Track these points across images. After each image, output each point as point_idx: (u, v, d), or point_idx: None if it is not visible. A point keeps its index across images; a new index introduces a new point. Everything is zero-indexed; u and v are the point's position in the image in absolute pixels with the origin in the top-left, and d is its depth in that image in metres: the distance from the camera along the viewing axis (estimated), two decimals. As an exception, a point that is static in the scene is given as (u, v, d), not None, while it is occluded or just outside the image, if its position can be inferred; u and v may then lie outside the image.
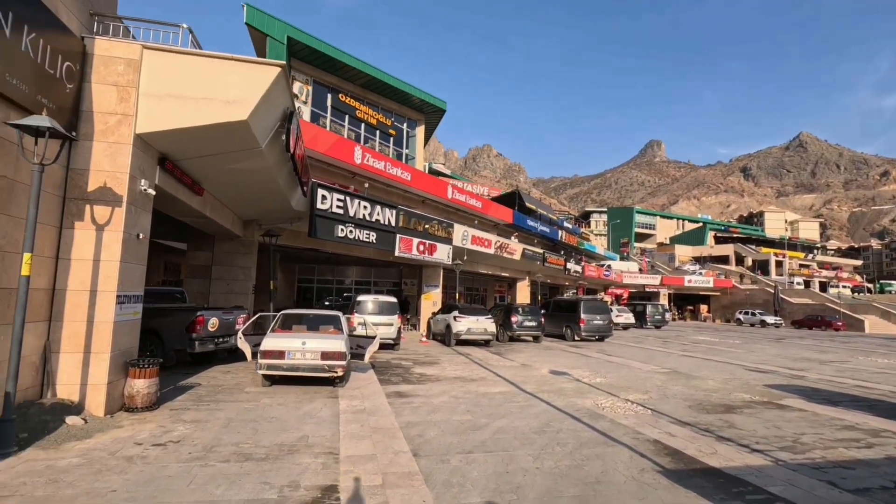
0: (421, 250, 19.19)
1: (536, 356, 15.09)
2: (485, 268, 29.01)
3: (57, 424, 5.66)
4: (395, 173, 22.43)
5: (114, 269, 6.41)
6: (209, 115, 6.79)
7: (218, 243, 14.37)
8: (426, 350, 15.76)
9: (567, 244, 42.80)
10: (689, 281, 52.97)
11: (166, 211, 9.87)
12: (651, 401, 8.64)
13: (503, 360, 13.97)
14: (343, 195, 15.14)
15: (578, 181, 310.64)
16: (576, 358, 14.93)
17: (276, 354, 8.04)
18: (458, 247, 22.10)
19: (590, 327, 20.42)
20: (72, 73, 6.18)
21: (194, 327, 9.55)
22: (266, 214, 14.05)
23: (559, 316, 21.94)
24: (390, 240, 17.48)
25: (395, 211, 17.59)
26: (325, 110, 24.76)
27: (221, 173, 9.42)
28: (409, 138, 30.05)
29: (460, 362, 13.12)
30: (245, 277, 14.55)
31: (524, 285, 33.72)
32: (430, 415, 7.16)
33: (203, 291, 14.22)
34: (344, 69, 24.41)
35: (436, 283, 23.93)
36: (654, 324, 34.19)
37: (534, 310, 19.95)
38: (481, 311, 17.59)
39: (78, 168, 6.43)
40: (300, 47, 22.23)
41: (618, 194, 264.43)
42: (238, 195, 11.41)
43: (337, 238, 14.97)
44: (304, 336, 8.43)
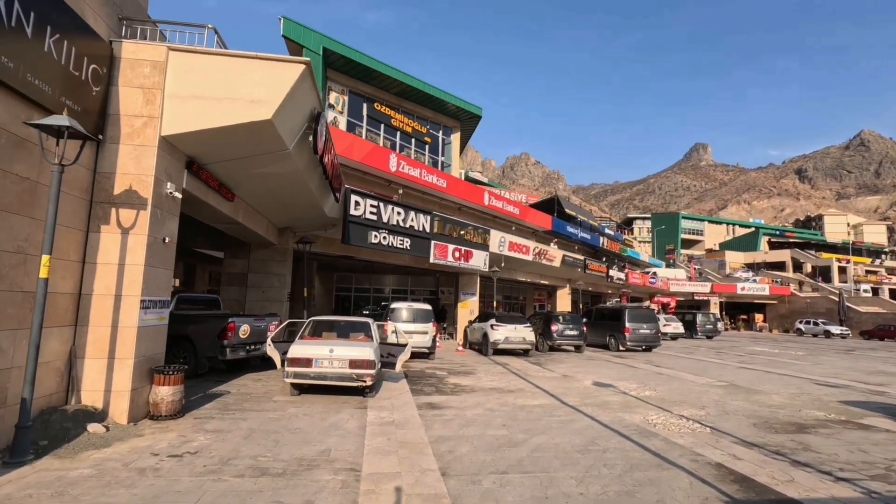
0: (456, 257, 18.75)
1: (578, 367, 14.28)
2: (523, 275, 28.25)
3: (78, 432, 5.51)
4: (430, 180, 22.14)
5: (138, 273, 6.29)
6: (233, 115, 6.63)
7: (254, 251, 14.44)
8: (462, 360, 15.23)
9: (609, 251, 41.34)
10: (742, 288, 50.04)
11: (198, 216, 9.86)
12: (709, 417, 7.79)
13: (543, 370, 13.26)
14: (376, 201, 14.94)
15: (619, 188, 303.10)
16: (621, 369, 14.01)
17: (303, 362, 7.75)
18: (495, 253, 21.53)
19: (635, 337, 19.32)
20: (98, 76, 6.14)
21: (225, 334, 9.44)
22: (300, 221, 14.01)
23: (602, 325, 20.92)
24: (425, 246, 17.13)
25: (429, 217, 17.26)
26: (361, 120, 24.91)
27: (252, 178, 9.33)
28: (444, 146, 29.86)
29: (497, 372, 12.52)
30: (280, 285, 14.53)
31: (565, 293, 32.65)
32: (463, 429, 6.64)
33: (239, 299, 14.28)
34: (379, 78, 24.50)
35: (472, 291, 23.40)
36: (705, 333, 32.29)
37: (575, 318, 19.08)
38: (519, 320, 16.93)
39: (104, 171, 6.37)
40: (335, 58, 22.47)
41: (662, 200, 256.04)
42: (270, 201, 11.34)
43: (370, 244, 14.74)
44: (333, 343, 8.12)
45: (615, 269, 35.02)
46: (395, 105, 26.34)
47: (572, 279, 32.37)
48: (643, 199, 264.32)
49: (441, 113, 28.84)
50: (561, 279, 32.10)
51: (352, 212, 14.03)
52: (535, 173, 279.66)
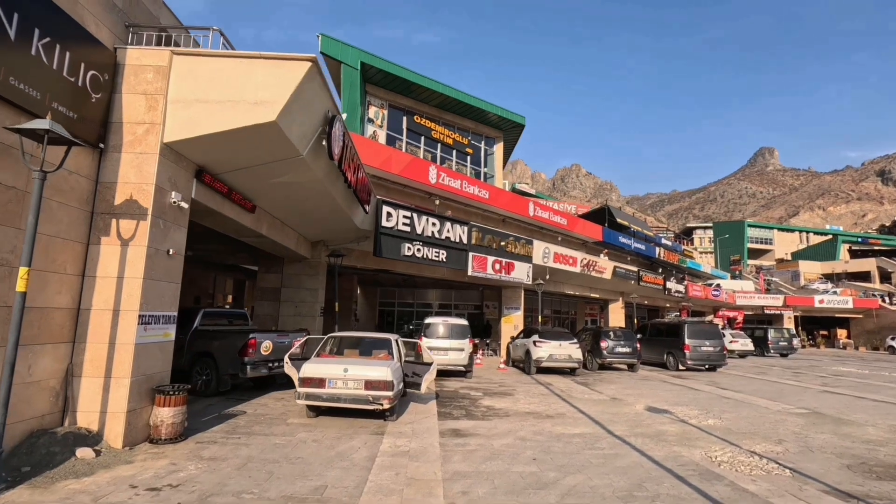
0: (497, 269, 17.86)
1: (630, 388, 12.93)
2: (571, 288, 26.83)
3: (65, 457, 5.14)
4: (472, 191, 21.50)
5: (136, 286, 5.95)
6: (236, 118, 6.24)
7: (287, 265, 14.26)
8: (502, 378, 14.24)
9: (666, 262, 38.85)
10: (820, 301, 45.51)
11: (220, 229, 9.65)
12: (788, 455, 6.47)
13: (589, 391, 12.06)
14: (409, 212, 14.42)
15: (677, 197, 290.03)
16: (680, 391, 12.54)
17: (316, 382, 7.17)
18: (539, 265, 20.44)
19: (697, 354, 17.54)
20: (98, 83, 5.93)
21: (246, 351, 9.08)
22: (331, 234, 13.69)
23: (659, 341, 19.23)
24: (462, 258, 16.40)
25: (466, 227, 16.54)
26: (401, 133, 24.74)
27: (271, 188, 9.00)
28: (487, 156, 29.22)
29: (538, 394, 11.47)
30: (312, 300, 14.22)
31: (617, 307, 30.77)
32: (486, 463, 5.77)
33: (272, 314, 14.10)
34: (418, 91, 24.29)
35: (516, 305, 22.34)
36: (778, 351, 29.29)
37: (627, 334, 17.59)
38: (565, 336, 15.74)
39: (106, 181, 6.13)
40: (374, 72, 22.45)
41: (724, 209, 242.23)
42: (295, 213, 11.04)
43: (403, 257, 14.20)
44: (348, 362, 7.50)
45: (673, 280, 32.71)
46: (435, 117, 26.03)
47: (625, 292, 30.48)
48: (704, 208, 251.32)
49: (483, 123, 28.27)
50: (613, 292, 30.30)
51: (383, 223, 13.58)
52: (587, 185, 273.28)
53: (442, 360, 13.36)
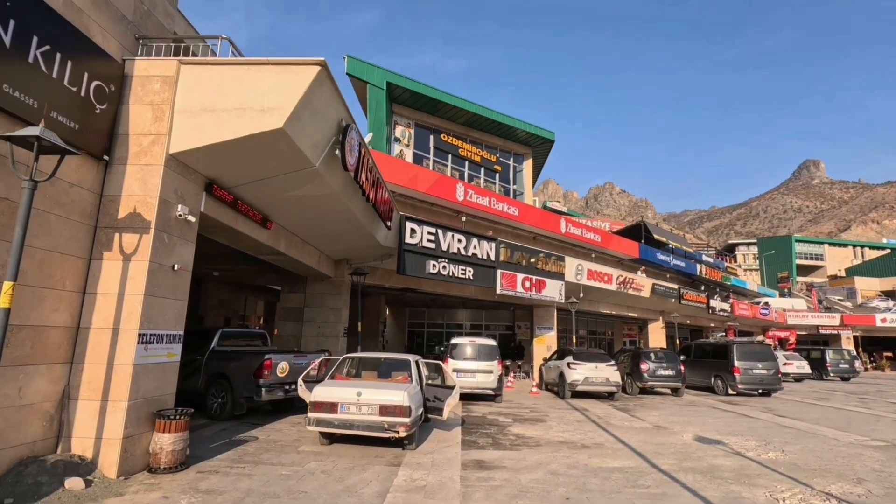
0: (527, 287, 17.10)
1: (675, 414, 11.84)
2: (607, 307, 25.63)
3: (52, 488, 4.77)
4: (500, 209, 21.00)
5: (136, 303, 5.64)
6: (243, 126, 5.96)
7: (310, 285, 13.99)
8: (534, 403, 13.37)
9: (708, 279, 36.94)
10: (882, 320, 42.14)
11: (236, 245, 9.41)
12: (872, 498, 5.47)
13: (630, 418, 11.08)
14: (434, 228, 13.97)
15: (717, 213, 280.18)
16: (732, 419, 11.37)
17: (328, 407, 6.65)
18: (572, 283, 19.54)
19: (748, 378, 16.13)
20: (104, 94, 5.76)
21: (261, 372, 8.68)
22: (354, 252, 13.37)
23: (704, 364, 17.87)
24: (490, 276, 15.76)
25: (493, 244, 15.95)
26: (428, 151, 24.56)
27: (286, 203, 8.72)
28: (516, 173, 28.69)
29: (573, 420, 10.59)
30: (335, 319, 13.85)
31: (657, 327, 29.22)
32: (511, 501, 5.07)
33: (295, 335, 13.79)
34: (444, 109, 24.15)
35: (549, 326, 21.40)
36: (838, 374, 26.98)
37: (670, 355, 16.40)
38: (601, 357, 14.75)
39: (111, 194, 5.92)
40: (400, 91, 22.46)
41: (768, 224, 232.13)
42: (314, 229, 10.75)
43: (428, 275, 13.70)
44: (362, 385, 6.96)
45: (717, 298, 30.92)
46: (463, 135, 25.78)
47: (666, 311, 28.95)
48: (745, 224, 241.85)
49: (511, 140, 27.85)
50: (652, 311, 28.83)
51: (407, 240, 13.16)
52: (621, 202, 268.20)
53: (469, 383, 12.68)
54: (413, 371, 7.56)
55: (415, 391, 7.12)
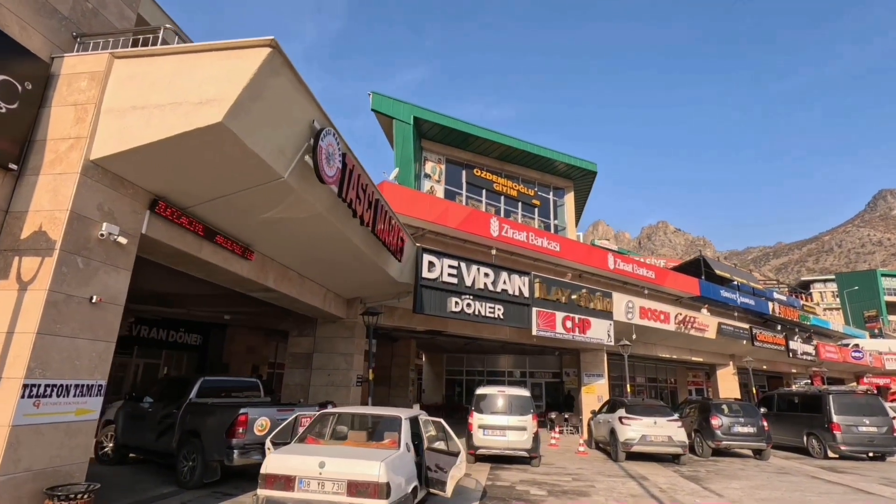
0: (569, 327, 15.02)
1: (764, 487, 9.24)
2: (666, 350, 22.69)
3: None
4: (540, 244, 19.37)
5: (25, 344, 4.40)
6: (176, 123, 4.84)
7: (320, 327, 12.68)
8: (579, 467, 11.06)
9: (784, 319, 32.81)
10: None
11: (212, 279, 8.25)
12: None
13: (703, 493, 8.65)
14: (456, 261, 12.46)
15: (783, 249, 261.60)
16: (845, 497, 8.67)
17: (282, 482, 5.02)
18: (622, 322, 17.22)
19: (853, 437, 12.99)
20: (13, 93, 4.83)
21: (234, 430, 7.22)
22: (366, 289, 12.01)
23: (792, 418, 14.78)
24: (524, 314, 13.90)
25: (527, 278, 14.16)
26: (461, 187, 23.44)
27: (265, 227, 7.53)
28: (556, 208, 26.99)
29: (626, 494, 8.32)
30: (347, 366, 12.34)
31: (727, 373, 25.66)
32: None
33: (303, 383, 12.37)
34: (476, 143, 23.16)
35: (598, 372, 18.92)
36: (964, 431, 22.20)
37: (748, 408, 13.60)
38: (661, 410, 12.28)
39: (17, 210, 4.88)
40: (428, 126, 21.74)
41: (845, 259, 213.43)
42: (310, 261, 9.51)
43: (451, 313, 12.08)
44: (329, 452, 5.31)
45: (798, 340, 27.02)
46: (497, 169, 24.59)
47: (736, 354, 25.46)
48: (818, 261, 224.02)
49: (549, 173, 26.37)
50: (720, 355, 25.42)
51: (424, 274, 11.70)
52: (677, 241, 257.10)
53: (498, 442, 10.67)
54: (403, 432, 5.84)
55: (400, 460, 5.38)
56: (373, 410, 6.79)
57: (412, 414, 6.55)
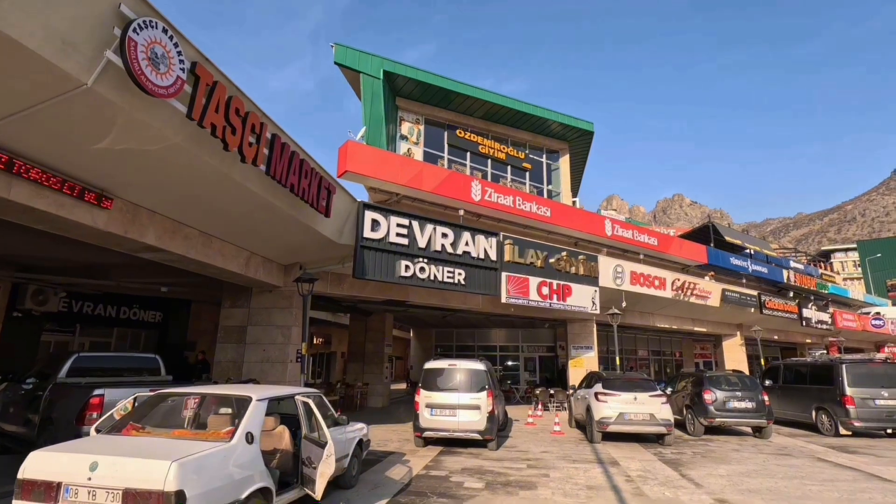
0: (545, 294, 13.43)
1: (755, 474, 7.69)
2: (665, 320, 21.02)
3: None
4: (528, 209, 17.66)
5: None
6: None
7: (255, 297, 11.27)
8: (545, 450, 9.61)
9: (800, 287, 30.69)
10: None
11: (68, 234, 6.79)
12: None
13: (678, 481, 7.13)
14: (406, 218, 10.87)
15: (804, 220, 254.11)
16: (854, 485, 7.08)
17: (42, 490, 3.61)
18: (610, 288, 15.55)
19: (869, 412, 11.32)
20: None
21: (84, 415, 5.88)
22: (302, 252, 10.54)
23: (800, 391, 13.12)
24: (491, 279, 12.32)
25: (494, 239, 12.53)
26: (442, 150, 21.56)
27: (115, 165, 6.02)
28: (550, 172, 25.01)
29: (583, 486, 6.85)
30: (284, 340, 10.94)
31: (734, 344, 23.93)
32: None
33: (236, 360, 11.03)
34: (458, 101, 21.17)
35: (587, 344, 17.40)
36: None
37: (746, 381, 11.98)
38: (643, 384, 10.70)
39: None
40: (403, 82, 19.84)
41: (868, 229, 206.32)
42: (209, 216, 8.01)
43: (400, 278, 10.54)
44: (103, 450, 3.86)
45: (812, 308, 25.06)
46: (483, 130, 22.63)
47: (744, 324, 23.66)
48: (840, 231, 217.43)
49: (542, 134, 24.31)
50: (726, 325, 23.66)
51: (367, 234, 10.14)
52: (693, 214, 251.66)
53: (448, 423, 9.26)
54: (246, 418, 4.36)
55: (221, 458, 3.92)
56: (219, 390, 5.33)
57: (278, 393, 5.09)
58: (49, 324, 13.55)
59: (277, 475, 4.75)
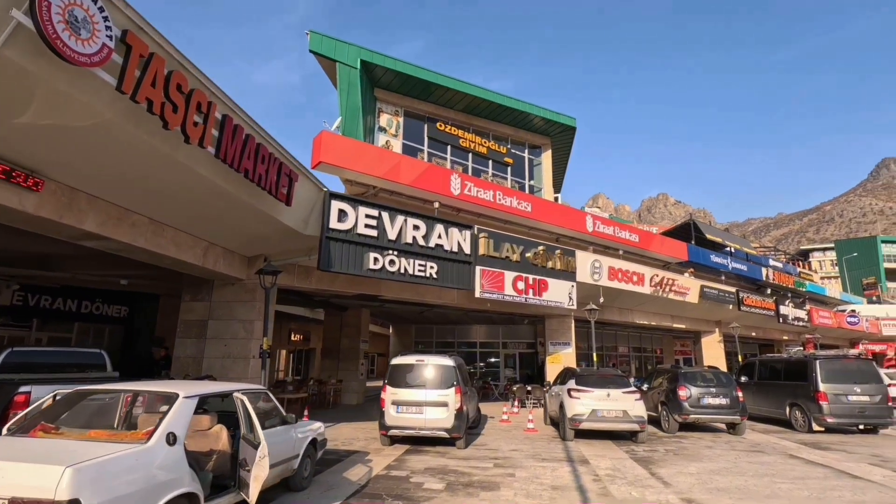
0: (520, 288, 13.16)
1: (726, 472, 7.50)
2: (644, 317, 20.95)
3: None
4: (508, 204, 17.41)
5: None
6: None
7: (217, 290, 10.80)
8: (515, 448, 9.34)
9: (778, 285, 30.99)
10: None
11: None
12: None
13: (648, 480, 6.90)
14: (376, 209, 10.48)
15: (785, 220, 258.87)
16: (824, 483, 6.92)
17: None
18: (587, 283, 15.36)
19: (842, 408, 11.28)
20: None
21: (7, 415, 5.41)
22: (265, 243, 10.10)
23: (775, 387, 13.07)
24: (465, 273, 12.00)
25: (468, 232, 12.21)
26: (422, 142, 21.17)
27: (43, 143, 5.56)
28: (532, 167, 24.78)
29: (548, 486, 6.58)
30: (247, 335, 10.50)
31: (713, 341, 24.01)
32: None
33: (196, 356, 10.56)
34: (439, 93, 20.79)
35: (565, 340, 17.20)
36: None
37: (721, 377, 11.85)
38: (617, 381, 10.49)
39: None
40: (381, 73, 19.39)
41: (846, 229, 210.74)
42: (158, 202, 7.55)
43: (368, 271, 10.16)
44: (15, 452, 3.46)
45: (789, 305, 25.25)
46: (464, 124, 22.28)
47: (723, 321, 23.74)
48: (819, 231, 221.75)
49: (524, 129, 24.05)
50: (705, 321, 23.71)
51: (333, 224, 9.73)
52: (677, 213, 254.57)
53: (414, 421, 8.93)
54: (169, 417, 3.97)
55: (130, 462, 3.53)
56: (145, 387, 4.92)
57: (211, 390, 4.70)
58: (2, 318, 12.90)
59: (209, 479, 4.38)
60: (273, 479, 5.32)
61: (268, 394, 5.56)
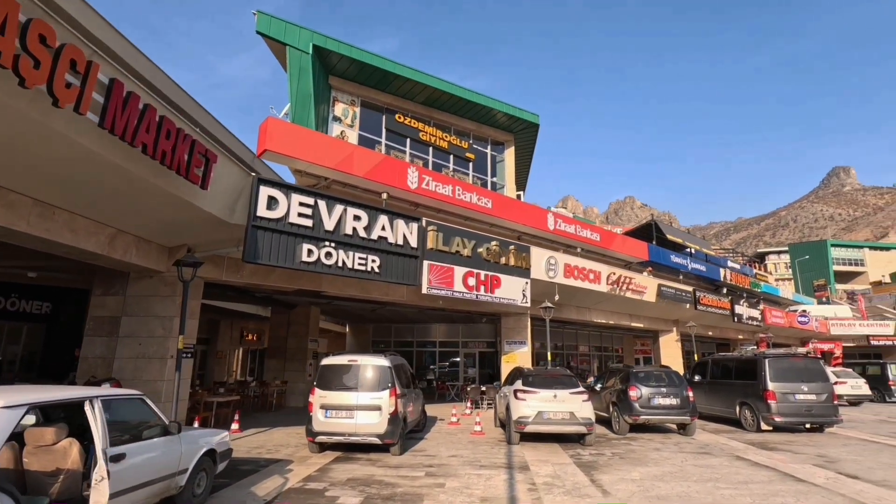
0: (471, 285, 12.58)
1: (670, 476, 7.08)
2: (602, 315, 20.76)
3: None
4: (468, 200, 16.80)
5: None
6: None
7: (132, 284, 9.78)
8: (455, 454, 8.73)
9: (735, 285, 31.57)
10: (946, 328, 35.78)
11: None
12: None
13: (586, 488, 6.40)
14: (311, 197, 9.70)
15: (744, 224, 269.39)
16: (767, 487, 6.58)
17: None
18: (542, 281, 14.94)
19: (789, 407, 11.16)
20: None
21: None
22: (186, 232, 9.16)
23: (726, 386, 12.93)
24: (410, 268, 11.32)
25: (416, 224, 11.55)
26: (379, 134, 20.37)
27: None
28: (495, 164, 24.32)
29: (478, 497, 5.98)
30: (165, 333, 9.53)
31: (670, 340, 24.11)
32: None
33: (106, 356, 9.52)
34: (398, 84, 20.01)
35: (521, 339, 16.74)
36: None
37: (672, 377, 11.58)
38: (565, 381, 10.02)
39: None
40: (336, 60, 18.49)
41: (799, 234, 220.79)
42: (45, 182, 6.59)
43: (301, 264, 9.36)
44: None
45: (744, 304, 25.64)
46: (424, 117, 21.59)
47: (680, 320, 23.86)
48: (775, 235, 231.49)
49: (487, 125, 23.53)
50: (663, 320, 23.77)
51: (262, 212, 8.90)
52: (643, 216, 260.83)
53: (344, 426, 8.22)
54: None
55: None
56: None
57: (49, 397, 3.90)
58: None
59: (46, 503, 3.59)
60: (148, 498, 4.54)
61: (143, 399, 4.77)
